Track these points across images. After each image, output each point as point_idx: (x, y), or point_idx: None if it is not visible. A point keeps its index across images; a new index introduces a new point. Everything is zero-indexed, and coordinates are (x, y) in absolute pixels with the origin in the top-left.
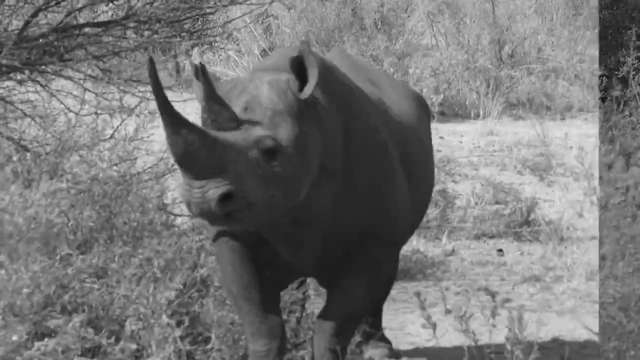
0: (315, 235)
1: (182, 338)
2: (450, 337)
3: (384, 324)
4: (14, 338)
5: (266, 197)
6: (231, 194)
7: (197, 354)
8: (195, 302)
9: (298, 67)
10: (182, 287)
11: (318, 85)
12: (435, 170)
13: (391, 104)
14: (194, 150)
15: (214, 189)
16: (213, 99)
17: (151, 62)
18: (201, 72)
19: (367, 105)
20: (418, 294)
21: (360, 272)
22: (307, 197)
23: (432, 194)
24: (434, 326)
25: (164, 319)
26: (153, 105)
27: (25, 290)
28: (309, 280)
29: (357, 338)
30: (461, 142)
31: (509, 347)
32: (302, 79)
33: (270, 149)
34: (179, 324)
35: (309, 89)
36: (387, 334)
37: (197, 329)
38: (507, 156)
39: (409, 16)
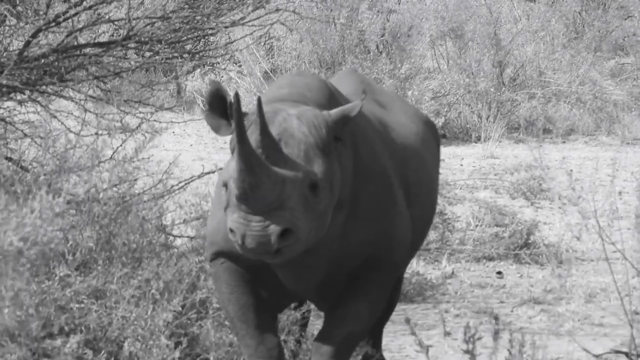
0: (321, 262)
1: (180, 359)
2: (449, 358)
3: (383, 346)
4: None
5: (309, 231)
6: (290, 229)
7: None
8: (194, 324)
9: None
10: (180, 308)
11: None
12: None
13: (397, 125)
14: (262, 186)
15: (275, 224)
16: (266, 135)
17: (237, 98)
18: (257, 106)
19: (369, 129)
20: (407, 320)
21: (364, 295)
22: None
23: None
24: (426, 350)
25: (163, 340)
26: (153, 125)
27: (5, 311)
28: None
29: None
30: (462, 165)
31: None
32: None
33: (314, 184)
34: (177, 345)
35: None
36: (386, 355)
37: (195, 350)
38: (507, 179)
39: (409, 36)
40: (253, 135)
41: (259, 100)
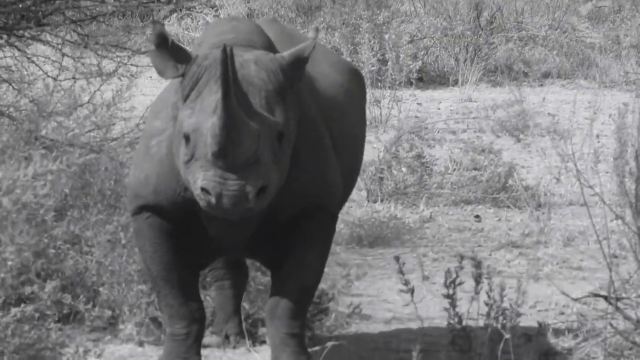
0: (256, 212)
1: (153, 303)
2: (427, 302)
3: (361, 290)
4: None
5: (278, 184)
6: (266, 186)
7: None
8: None
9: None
10: None
11: None
12: (412, 135)
13: (320, 76)
14: (244, 142)
15: (253, 182)
16: (238, 86)
17: (225, 53)
18: (229, 56)
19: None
20: (397, 258)
21: (309, 246)
22: None
23: (408, 161)
24: (411, 291)
25: (135, 286)
26: (130, 69)
27: (10, 263)
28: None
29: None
30: (439, 109)
31: (491, 313)
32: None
33: (280, 134)
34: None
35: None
36: (364, 300)
37: None
38: (484, 119)
39: None
40: (215, 86)
41: (225, 49)
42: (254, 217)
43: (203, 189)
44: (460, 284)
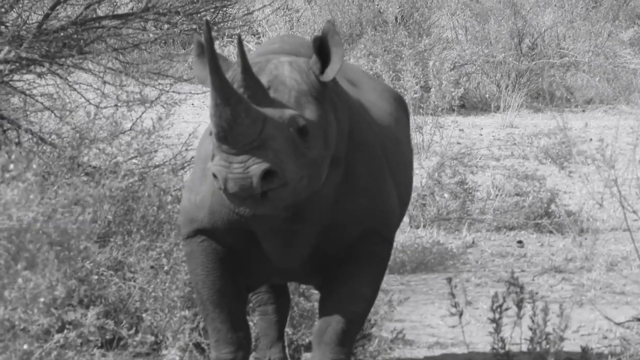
0: (312, 231)
1: (197, 329)
2: (471, 327)
3: (404, 316)
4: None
5: (299, 177)
6: (272, 170)
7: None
8: None
9: (320, 48)
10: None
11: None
12: (455, 161)
13: (369, 104)
14: (239, 121)
15: (257, 165)
16: (249, 74)
17: (207, 25)
18: (237, 43)
19: (357, 105)
20: (449, 280)
21: (364, 272)
22: None
23: (451, 187)
24: (460, 313)
25: (178, 312)
26: (172, 97)
27: (41, 300)
28: None
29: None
30: (481, 135)
31: (534, 338)
32: (323, 60)
33: (302, 128)
34: (196, 315)
35: (332, 71)
36: (407, 325)
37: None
38: (527, 145)
39: (428, 8)
40: (237, 77)
41: (239, 39)
42: (308, 232)
43: (214, 175)
44: (507, 309)
